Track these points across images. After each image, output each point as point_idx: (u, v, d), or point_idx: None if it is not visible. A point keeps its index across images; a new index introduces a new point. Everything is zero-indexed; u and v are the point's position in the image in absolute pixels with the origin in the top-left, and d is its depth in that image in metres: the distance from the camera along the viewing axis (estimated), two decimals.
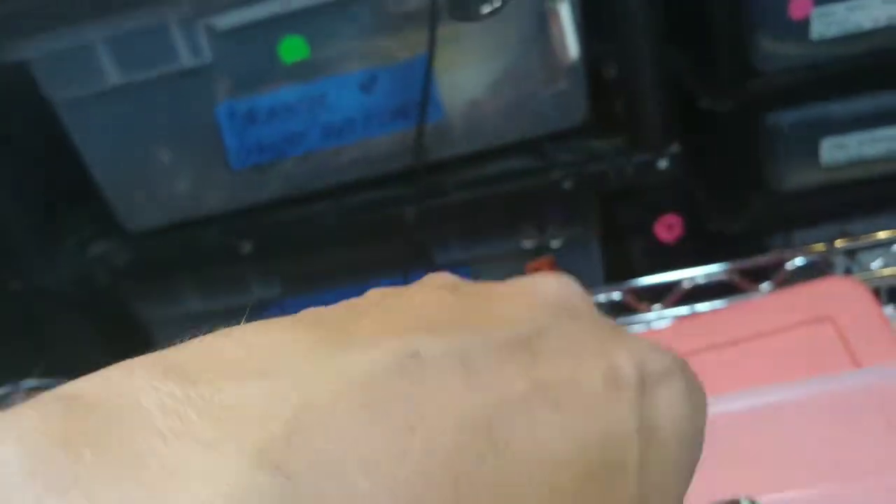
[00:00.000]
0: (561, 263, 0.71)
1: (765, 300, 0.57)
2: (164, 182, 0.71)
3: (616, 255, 0.71)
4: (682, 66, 0.79)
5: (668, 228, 0.67)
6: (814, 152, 0.78)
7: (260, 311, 0.75)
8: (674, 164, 0.66)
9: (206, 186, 0.71)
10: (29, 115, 0.69)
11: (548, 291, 0.22)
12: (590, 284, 0.66)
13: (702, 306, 0.59)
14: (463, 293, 0.21)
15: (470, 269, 0.75)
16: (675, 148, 0.66)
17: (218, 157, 0.69)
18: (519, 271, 0.75)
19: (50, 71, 0.65)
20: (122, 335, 0.78)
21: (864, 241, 0.60)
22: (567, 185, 0.66)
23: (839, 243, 0.59)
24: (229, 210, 0.71)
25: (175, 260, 0.72)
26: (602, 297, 0.60)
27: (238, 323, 0.17)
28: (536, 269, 0.73)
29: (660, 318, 0.59)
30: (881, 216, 0.77)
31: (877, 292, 0.60)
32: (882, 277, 0.60)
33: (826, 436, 0.43)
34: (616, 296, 0.60)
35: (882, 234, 0.59)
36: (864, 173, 0.79)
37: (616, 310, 0.61)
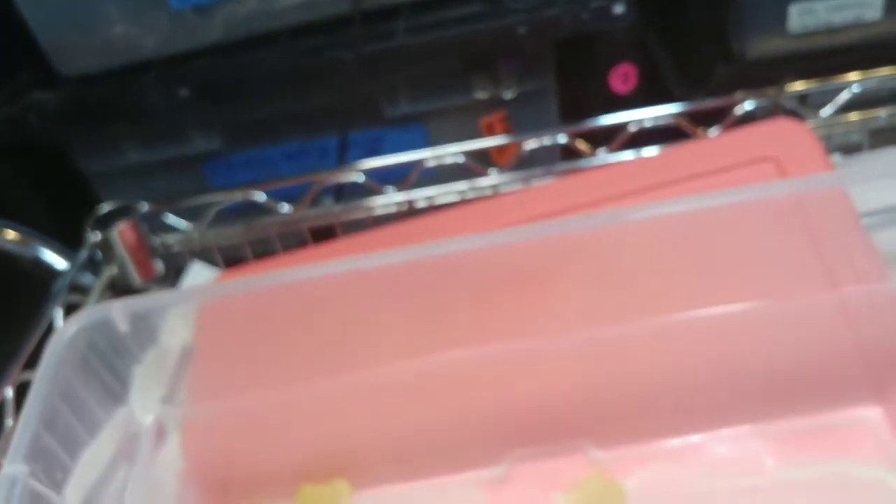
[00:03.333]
0: (515, 116, 0.69)
1: (708, 141, 0.55)
2: (101, 24, 0.68)
3: (571, 106, 0.69)
4: None
5: (623, 78, 0.64)
6: (781, 18, 0.76)
7: (201, 163, 0.73)
8: (629, 10, 0.63)
9: (144, 29, 0.68)
10: None
11: None
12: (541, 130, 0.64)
13: (649, 150, 0.57)
14: None
15: (423, 125, 0.73)
16: None
17: None
18: (473, 125, 0.72)
19: None
20: (64, 189, 0.76)
21: (814, 85, 0.58)
22: (522, 30, 0.64)
23: (790, 88, 0.57)
24: (168, 54, 0.68)
25: (113, 107, 0.69)
26: (547, 141, 0.58)
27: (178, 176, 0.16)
28: (490, 125, 0.70)
29: (605, 161, 0.57)
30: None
31: (826, 140, 0.59)
32: (831, 125, 0.58)
33: (743, 250, 0.42)
34: (561, 139, 0.58)
35: (823, 82, 0.57)
36: (831, 42, 0.77)
37: (564, 154, 0.59)
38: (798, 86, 0.58)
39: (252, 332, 0.48)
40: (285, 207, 0.59)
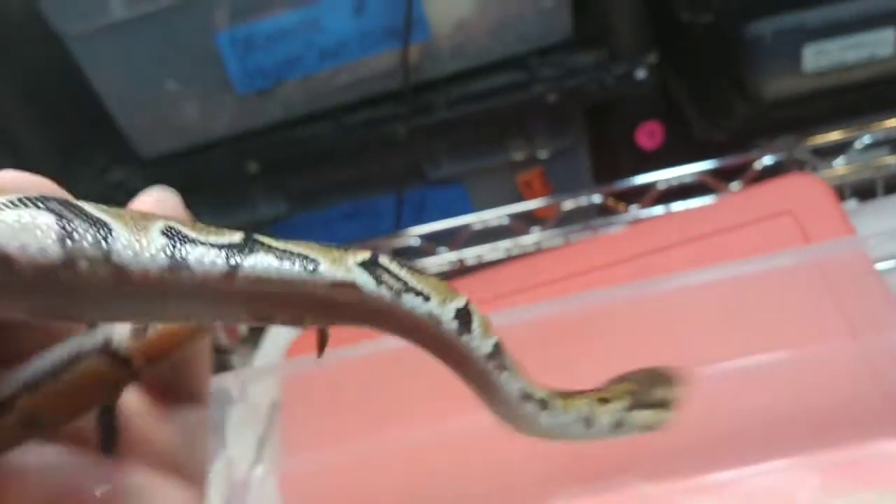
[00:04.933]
0: (550, 173, 0.75)
1: (731, 197, 0.61)
2: (173, 110, 0.76)
3: (602, 162, 0.75)
4: None
5: (649, 135, 0.70)
6: (796, 59, 0.80)
7: (269, 227, 0.80)
8: (651, 74, 0.69)
9: (212, 112, 0.75)
10: (41, 52, 0.73)
11: None
12: (577, 189, 0.70)
13: (676, 206, 0.63)
14: None
15: (463, 184, 0.80)
16: (652, 58, 0.69)
17: (222, 83, 0.74)
18: (510, 183, 0.79)
19: (58, 7, 0.69)
20: None
21: (825, 140, 0.64)
22: (551, 98, 0.70)
23: (803, 143, 0.63)
24: (235, 133, 0.75)
25: (187, 182, 0.77)
26: (583, 201, 0.64)
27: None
28: (528, 181, 0.77)
29: (637, 217, 0.63)
30: (864, 120, 0.80)
31: (840, 190, 0.64)
32: (844, 175, 0.64)
33: (772, 307, 0.47)
34: (597, 198, 0.64)
35: (836, 134, 0.63)
36: (846, 79, 0.81)
37: (598, 212, 0.65)
38: (813, 140, 0.63)
39: (337, 388, 0.55)
40: None
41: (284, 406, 0.56)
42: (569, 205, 0.64)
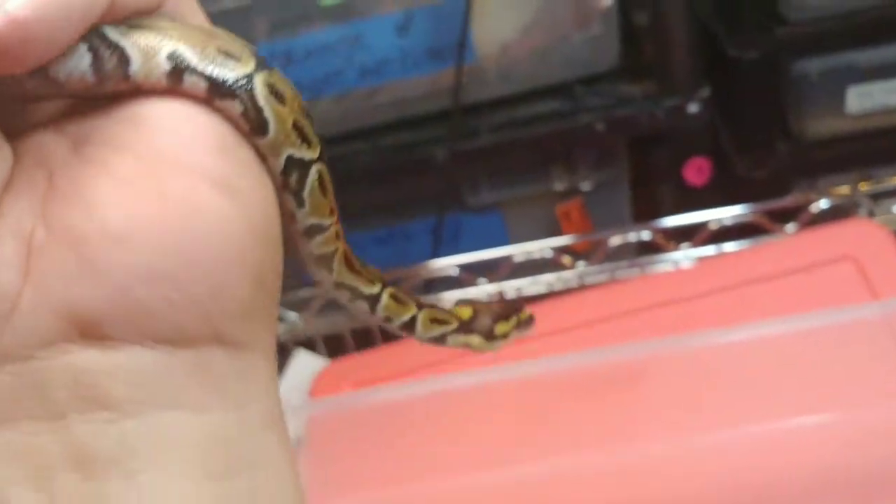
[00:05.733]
0: (590, 205, 0.73)
1: (789, 240, 0.59)
2: None
3: (644, 197, 0.73)
4: (710, 14, 0.79)
5: (697, 171, 0.68)
6: (839, 100, 0.79)
7: None
8: (704, 108, 0.67)
9: None
10: None
11: None
12: (618, 225, 0.68)
13: (728, 247, 0.61)
14: None
15: (501, 212, 0.77)
16: (705, 92, 0.68)
17: None
18: (548, 213, 0.77)
19: None
20: None
21: (887, 184, 0.62)
22: (600, 127, 0.68)
23: (863, 187, 0.61)
24: None
25: None
26: (632, 237, 0.62)
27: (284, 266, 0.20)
28: (567, 212, 0.75)
29: (686, 257, 0.61)
30: None
31: None
32: None
33: (840, 363, 0.45)
34: (645, 235, 0.62)
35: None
36: (888, 121, 0.80)
37: (644, 249, 0.63)
38: (869, 185, 0.61)
39: (362, 427, 0.52)
40: None
41: (311, 441, 0.53)
42: (616, 240, 0.62)
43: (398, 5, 0.69)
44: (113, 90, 0.19)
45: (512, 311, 0.34)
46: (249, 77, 0.21)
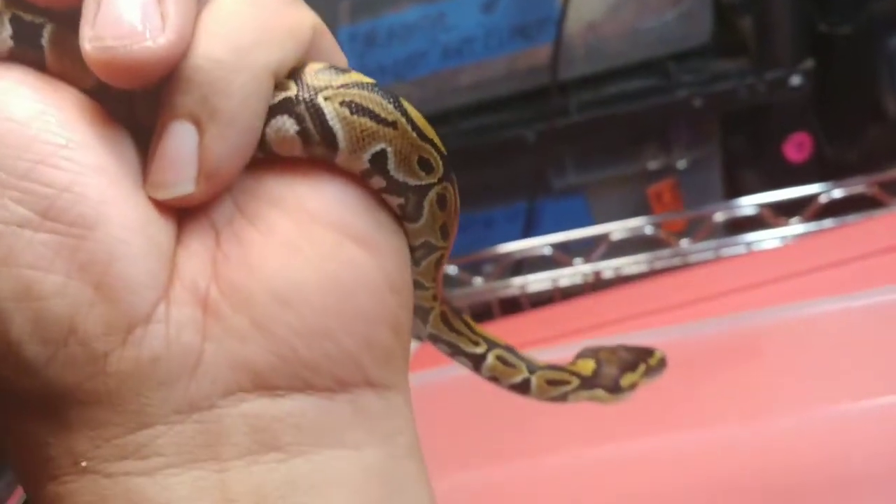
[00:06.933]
0: (683, 185, 0.70)
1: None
2: None
3: (739, 175, 0.70)
4: None
5: (797, 148, 0.65)
6: None
7: None
8: (806, 81, 0.64)
9: None
10: None
11: None
12: (705, 203, 0.65)
13: (827, 223, 0.58)
14: None
15: (585, 195, 0.75)
16: (808, 64, 0.65)
17: None
18: (637, 195, 0.74)
19: None
20: None
21: None
22: (697, 103, 0.66)
23: None
24: None
25: None
26: (738, 212, 0.59)
27: None
28: (659, 193, 0.72)
29: (796, 231, 0.58)
30: None
31: None
32: None
33: None
34: (750, 210, 0.59)
35: None
36: None
37: (750, 224, 0.60)
38: None
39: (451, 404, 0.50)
40: (478, 281, 0.62)
41: None
42: (720, 216, 0.59)
43: None
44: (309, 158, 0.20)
45: (640, 358, 0.33)
46: (430, 186, 0.21)
